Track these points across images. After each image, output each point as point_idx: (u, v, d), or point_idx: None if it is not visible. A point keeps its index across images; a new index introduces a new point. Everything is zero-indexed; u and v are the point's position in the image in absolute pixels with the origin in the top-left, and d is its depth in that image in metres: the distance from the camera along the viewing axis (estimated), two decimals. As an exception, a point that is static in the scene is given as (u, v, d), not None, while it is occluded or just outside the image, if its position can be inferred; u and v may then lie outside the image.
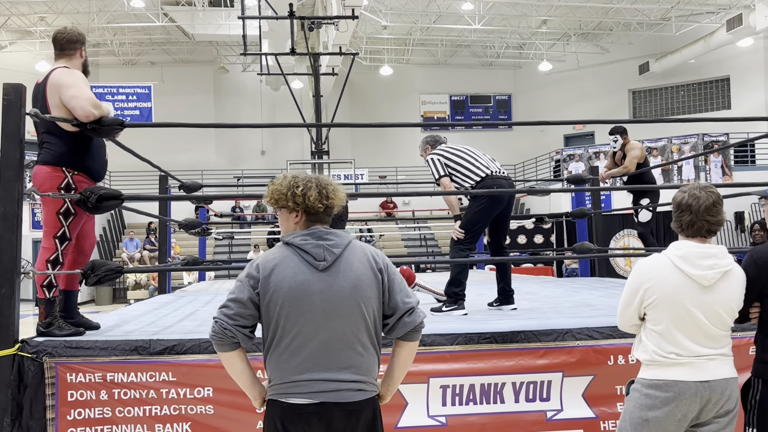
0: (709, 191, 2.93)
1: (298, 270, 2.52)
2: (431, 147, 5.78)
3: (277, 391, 2.53)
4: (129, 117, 21.80)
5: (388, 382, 2.72)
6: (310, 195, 2.58)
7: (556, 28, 25.05)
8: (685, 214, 2.92)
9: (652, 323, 2.92)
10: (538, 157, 24.55)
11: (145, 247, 20.66)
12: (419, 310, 2.66)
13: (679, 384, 2.84)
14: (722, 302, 2.88)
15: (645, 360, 2.95)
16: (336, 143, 24.74)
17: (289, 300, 2.50)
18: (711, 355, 2.86)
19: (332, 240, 2.58)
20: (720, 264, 2.88)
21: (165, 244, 8.89)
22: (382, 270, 2.62)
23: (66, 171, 4.24)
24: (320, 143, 18.13)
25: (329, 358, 2.50)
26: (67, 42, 4.36)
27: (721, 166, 19.07)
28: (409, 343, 2.68)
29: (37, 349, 3.87)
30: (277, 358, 2.53)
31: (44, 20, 22.70)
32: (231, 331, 2.52)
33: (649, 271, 2.93)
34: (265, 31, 18.57)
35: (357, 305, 2.53)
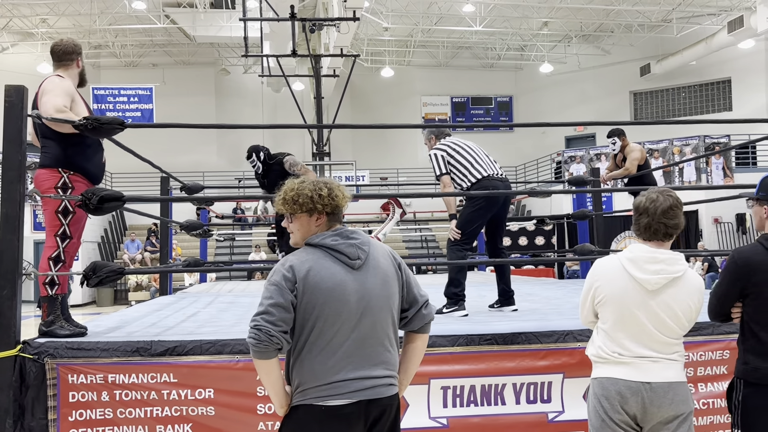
0: (666, 195, 2.95)
1: (334, 271, 2.54)
2: (435, 138, 5.76)
3: (311, 395, 2.49)
4: (130, 118, 21.82)
5: (404, 376, 2.74)
6: (336, 194, 2.62)
7: (557, 29, 25.06)
8: (643, 217, 2.94)
9: (601, 321, 3.00)
10: (540, 159, 24.55)
11: (147, 249, 20.68)
12: (431, 303, 2.76)
13: (619, 382, 2.87)
14: (667, 308, 2.88)
15: (592, 355, 3.02)
16: (337, 145, 24.73)
17: (328, 301, 2.50)
18: (654, 358, 2.87)
19: (359, 238, 2.63)
20: (668, 270, 2.88)
21: (166, 246, 8.90)
22: (400, 264, 2.71)
23: (62, 171, 4.33)
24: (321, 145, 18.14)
25: (363, 355, 2.52)
26: (63, 53, 4.55)
27: (722, 168, 19.07)
28: (423, 336, 2.75)
29: (39, 350, 3.87)
30: (311, 361, 2.50)
31: (46, 22, 22.73)
32: (277, 338, 2.45)
33: (600, 271, 3.01)
34: (267, 33, 18.58)
35: (386, 301, 2.59)
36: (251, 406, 3.90)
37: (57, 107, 4.22)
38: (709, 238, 18.75)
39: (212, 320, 5.41)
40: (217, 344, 3.95)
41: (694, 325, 4.15)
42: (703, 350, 4.13)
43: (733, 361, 3.11)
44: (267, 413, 3.88)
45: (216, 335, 4.16)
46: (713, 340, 4.14)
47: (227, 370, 3.91)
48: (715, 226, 18.96)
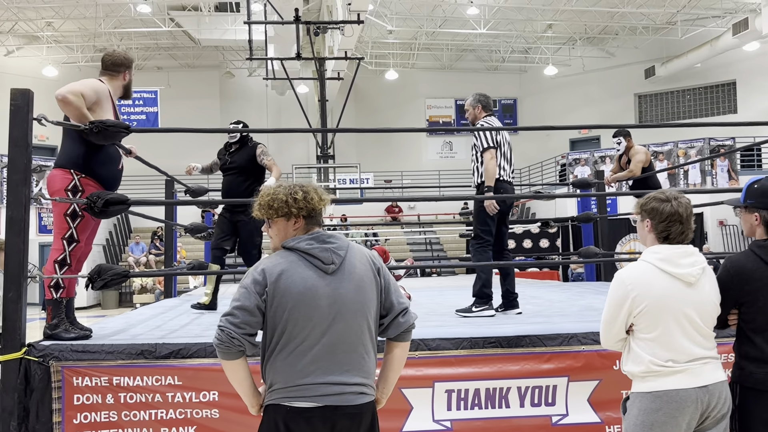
0: (686, 198, 2.93)
1: (306, 275, 2.53)
2: (482, 108, 5.80)
3: (280, 395, 2.52)
4: (135, 122, 21.88)
5: (383, 386, 2.72)
6: (312, 197, 2.62)
7: (561, 32, 25.05)
8: (676, 225, 2.88)
9: (645, 331, 2.85)
10: (544, 162, 24.53)
11: (151, 252, 20.70)
12: (411, 311, 2.71)
13: (680, 392, 2.78)
14: (707, 298, 2.87)
15: (640, 372, 2.86)
16: (341, 147, 24.76)
17: (298, 305, 2.50)
18: (705, 359, 2.84)
19: (335, 243, 2.61)
20: (699, 260, 2.88)
21: (171, 249, 8.92)
22: (380, 270, 2.67)
23: (74, 173, 4.34)
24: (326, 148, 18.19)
25: (334, 360, 2.51)
26: (112, 64, 4.67)
27: (727, 170, 19.03)
28: (402, 344, 2.71)
29: (44, 352, 3.88)
30: (281, 363, 2.52)
31: (51, 25, 22.80)
32: (238, 340, 2.50)
33: (632, 280, 2.87)
34: (271, 36, 18.62)
35: (360, 307, 2.56)
36: (255, 408, 3.90)
37: (72, 89, 4.25)
38: (714, 240, 18.70)
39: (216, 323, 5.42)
40: (222, 347, 3.95)
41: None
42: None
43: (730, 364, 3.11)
44: (271, 416, 3.88)
45: (220, 338, 4.16)
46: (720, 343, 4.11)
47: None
48: (720, 228, 18.91)
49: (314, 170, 20.03)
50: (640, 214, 3.00)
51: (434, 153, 28.20)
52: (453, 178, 24.94)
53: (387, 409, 3.90)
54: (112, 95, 4.60)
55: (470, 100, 5.84)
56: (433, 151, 28.22)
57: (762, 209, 3.03)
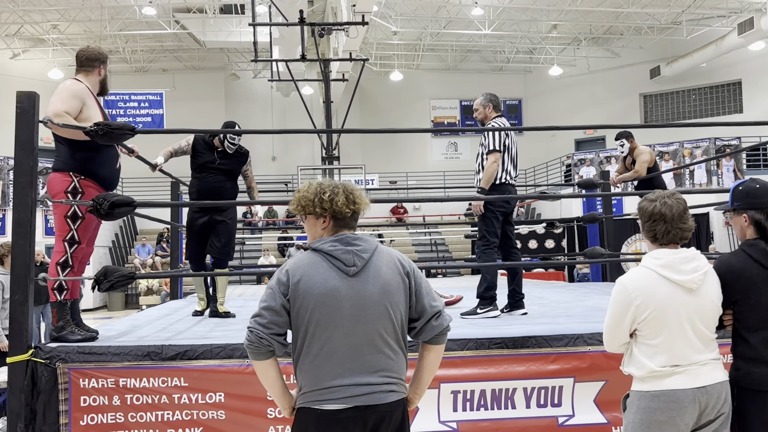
0: (675, 199, 2.93)
1: (328, 276, 2.54)
2: (493, 108, 5.77)
3: (309, 398, 2.52)
4: (141, 124, 21.93)
5: (416, 386, 2.73)
6: (338, 200, 2.61)
7: (566, 32, 25.01)
8: (659, 224, 2.91)
9: (648, 338, 2.88)
10: (549, 162, 24.50)
11: (157, 253, 20.75)
12: (445, 313, 2.69)
13: (678, 393, 2.81)
14: (709, 303, 2.88)
15: (641, 376, 2.90)
16: (346, 149, 24.78)
17: (319, 306, 2.51)
18: (704, 361, 2.85)
19: (360, 245, 2.60)
20: (701, 265, 2.88)
21: (177, 250, 8.93)
22: (409, 274, 2.65)
23: (73, 176, 4.35)
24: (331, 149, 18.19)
25: (360, 362, 2.51)
26: (86, 59, 4.61)
27: (733, 170, 18.97)
28: (436, 347, 2.70)
29: (51, 354, 3.90)
30: (309, 365, 2.53)
31: (57, 28, 22.88)
32: (267, 340, 2.52)
33: (635, 287, 2.89)
34: (276, 38, 18.65)
35: (385, 309, 2.55)
36: (261, 409, 3.91)
37: (55, 112, 4.24)
38: (720, 240, 18.64)
39: (222, 324, 5.43)
40: (228, 348, 3.97)
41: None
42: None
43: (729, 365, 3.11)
44: (277, 417, 3.90)
45: (226, 339, 4.18)
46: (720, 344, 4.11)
47: (237, 374, 3.92)
48: (726, 228, 18.85)
49: (319, 171, 20.03)
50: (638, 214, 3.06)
51: (439, 154, 28.19)
52: (458, 179, 24.93)
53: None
54: (92, 91, 4.57)
55: (480, 99, 5.80)
56: (438, 151, 28.22)
57: (749, 209, 3.06)
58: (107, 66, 4.74)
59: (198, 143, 6.18)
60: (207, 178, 6.15)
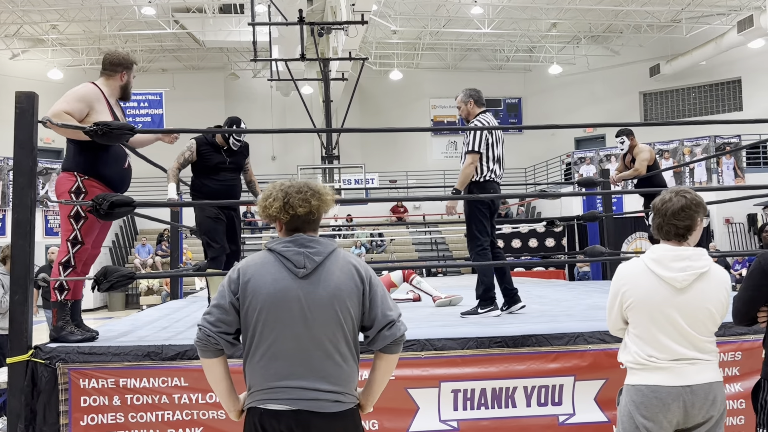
0: (681, 195, 2.92)
1: (278, 276, 2.50)
2: (475, 103, 5.65)
3: (256, 398, 2.51)
4: (141, 123, 21.91)
5: (367, 393, 2.69)
6: (294, 203, 2.56)
7: (565, 31, 25.00)
8: (656, 218, 2.95)
9: (632, 326, 2.95)
10: (549, 161, 24.50)
11: (157, 253, 20.75)
12: (400, 323, 2.61)
13: (660, 389, 2.82)
14: (699, 305, 2.85)
15: (628, 362, 2.96)
16: (346, 148, 24.77)
17: (267, 306, 2.48)
18: (691, 360, 2.85)
19: (314, 248, 2.55)
20: (694, 266, 2.86)
21: (177, 250, 8.93)
22: (364, 280, 2.58)
23: (77, 175, 4.35)
24: (330, 148, 18.20)
25: (307, 366, 2.48)
26: (109, 63, 4.63)
27: (733, 168, 18.97)
28: (389, 356, 2.63)
29: (51, 355, 3.89)
30: (256, 365, 2.51)
31: (56, 28, 22.87)
32: (214, 338, 2.51)
33: (625, 275, 2.98)
34: (275, 37, 18.64)
35: (335, 314, 2.50)
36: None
37: (54, 112, 4.24)
38: (720, 238, 18.65)
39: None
40: (228, 348, 3.96)
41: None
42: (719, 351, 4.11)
43: (745, 362, 3.11)
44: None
45: (226, 339, 4.16)
46: (725, 341, 4.11)
47: (238, 374, 3.91)
48: (726, 226, 18.86)
49: (319, 171, 20.03)
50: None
51: (439, 153, 28.19)
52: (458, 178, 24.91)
53: (393, 409, 3.92)
54: (108, 96, 4.53)
55: (461, 96, 5.69)
56: (438, 150, 28.22)
57: None
58: (132, 72, 4.70)
59: (202, 146, 6.09)
60: (221, 177, 6.13)
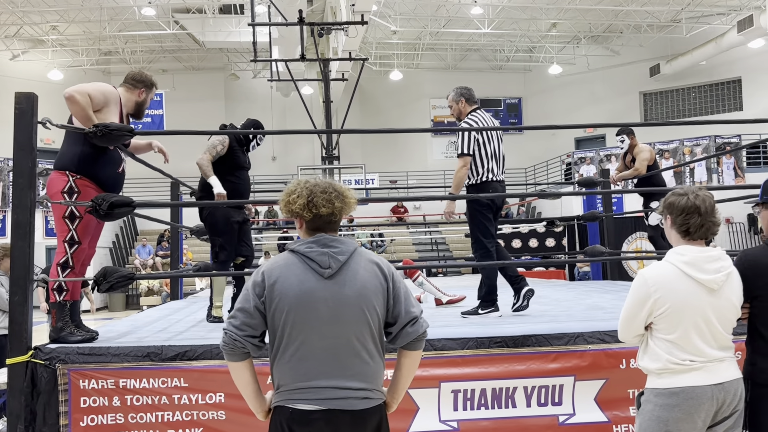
0: (706, 193, 2.91)
1: (303, 278, 2.51)
2: (467, 101, 5.51)
3: (284, 397, 2.51)
4: (141, 124, 21.90)
5: (393, 391, 2.71)
6: (298, 202, 2.56)
7: (565, 31, 25.00)
8: (694, 217, 2.86)
9: (664, 332, 2.85)
10: (549, 161, 24.49)
11: (158, 254, 20.75)
12: (422, 319, 2.64)
13: (696, 389, 2.78)
14: (729, 304, 2.85)
15: (656, 369, 2.86)
16: (346, 148, 24.77)
17: (294, 308, 2.49)
18: (722, 358, 2.83)
19: (337, 247, 2.55)
20: (725, 266, 2.86)
21: (177, 251, 8.93)
22: (388, 278, 2.60)
23: (69, 175, 4.32)
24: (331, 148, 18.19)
25: (336, 365, 2.49)
26: (132, 78, 4.74)
27: (733, 168, 18.97)
28: (413, 353, 2.66)
29: (50, 355, 3.89)
30: (284, 366, 2.51)
31: (56, 29, 22.88)
32: (241, 341, 2.51)
33: (656, 281, 2.86)
34: (275, 38, 18.64)
35: (362, 312, 2.52)
36: (262, 410, 3.90)
37: (80, 90, 4.27)
38: (720, 238, 18.64)
39: (222, 325, 5.41)
40: (227, 349, 3.95)
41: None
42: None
43: (742, 361, 3.10)
44: (277, 417, 3.88)
45: (226, 340, 4.16)
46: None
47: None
48: (726, 226, 18.86)
49: (319, 171, 20.04)
50: (662, 212, 3.00)
51: (439, 153, 28.19)
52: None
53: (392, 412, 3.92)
54: (123, 104, 4.60)
55: (452, 95, 5.55)
56: (438, 151, 28.21)
57: None
58: (151, 94, 4.78)
59: (233, 143, 6.03)
60: (243, 177, 6.08)
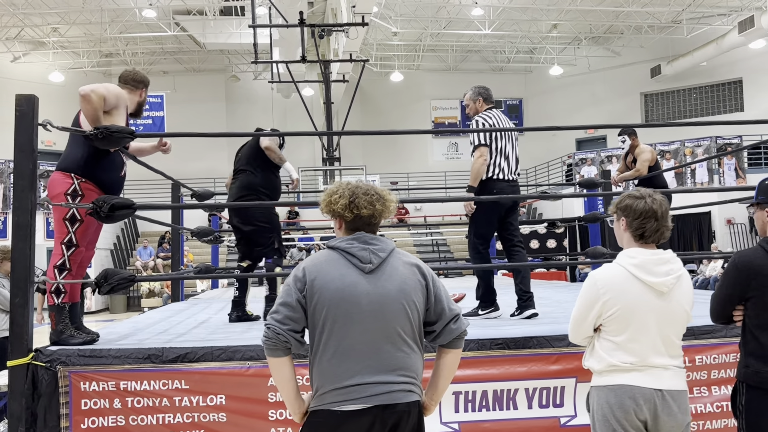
0: (662, 197, 2.92)
1: (344, 272, 2.54)
2: (484, 101, 5.55)
3: (327, 399, 2.50)
4: (141, 126, 21.92)
5: (432, 392, 2.72)
6: (360, 203, 2.62)
7: (566, 32, 25.00)
8: (650, 221, 2.87)
9: (612, 334, 2.87)
10: (550, 162, 24.49)
11: (159, 255, 20.75)
12: (463, 318, 2.69)
13: (635, 389, 2.79)
14: (679, 308, 2.85)
15: (599, 370, 2.90)
16: (347, 150, 24.77)
17: (336, 302, 2.51)
18: (666, 366, 2.83)
19: (377, 245, 2.61)
20: (675, 269, 2.86)
21: (178, 252, 8.93)
22: (426, 276, 2.65)
23: (74, 177, 4.33)
24: (331, 150, 18.19)
25: (378, 359, 2.50)
26: (133, 80, 4.81)
27: (734, 169, 18.96)
28: (454, 351, 2.70)
29: (51, 358, 3.89)
30: (327, 363, 2.52)
31: (57, 31, 22.89)
32: (284, 335, 2.52)
33: (605, 284, 2.88)
34: (276, 40, 18.64)
35: (402, 307, 2.55)
36: (263, 412, 3.90)
37: (96, 90, 4.30)
38: (722, 239, 18.62)
39: (223, 327, 5.43)
40: (228, 351, 3.96)
41: (707, 328, 4.14)
42: (716, 353, 4.11)
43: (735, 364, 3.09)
44: (278, 419, 3.88)
45: (227, 342, 4.17)
46: (726, 342, 4.11)
47: (238, 376, 3.91)
48: (728, 227, 18.84)
49: (320, 172, 20.04)
50: (615, 213, 3.00)
51: (440, 154, 28.19)
52: (459, 179, 24.90)
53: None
54: (128, 106, 4.67)
55: (470, 94, 5.61)
56: (439, 152, 28.21)
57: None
58: (146, 92, 4.92)
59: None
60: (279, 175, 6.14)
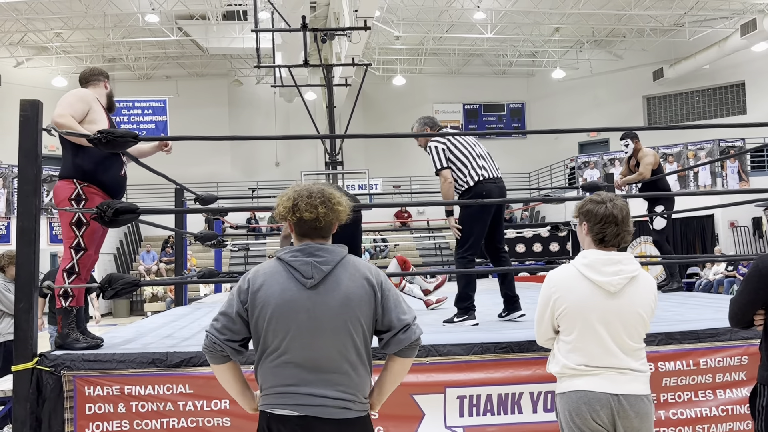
0: (623, 202, 2.92)
1: (286, 286, 2.48)
2: (430, 129, 5.65)
3: (265, 401, 2.52)
4: (145, 131, 21.97)
5: (377, 393, 2.67)
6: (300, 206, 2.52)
7: (568, 35, 25.01)
8: (611, 226, 2.88)
9: (564, 334, 2.90)
10: (553, 165, 24.47)
11: (162, 260, 20.77)
12: (415, 326, 2.58)
13: (588, 394, 2.79)
14: (631, 309, 2.84)
15: (557, 372, 2.91)
16: (350, 153, 24.77)
17: (276, 316, 2.47)
18: (622, 369, 2.82)
19: (323, 257, 2.51)
20: (625, 270, 2.86)
21: (181, 257, 8.93)
22: (375, 287, 2.55)
23: (77, 182, 4.35)
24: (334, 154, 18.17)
25: (317, 375, 2.46)
26: (90, 75, 4.75)
27: (737, 172, 18.93)
28: (402, 360, 2.61)
29: (56, 362, 3.89)
30: (266, 371, 2.52)
31: (60, 36, 22.95)
32: (220, 345, 2.53)
33: (556, 283, 2.92)
34: (279, 44, 18.68)
35: (344, 324, 2.48)
36: (267, 416, 3.90)
37: (59, 113, 4.26)
38: (725, 242, 18.59)
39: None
40: (232, 355, 3.95)
41: (711, 331, 4.13)
42: (721, 356, 4.09)
43: (751, 366, 3.09)
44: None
45: (231, 346, 4.16)
46: (731, 345, 4.09)
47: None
48: (731, 230, 18.81)
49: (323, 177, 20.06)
50: (578, 217, 3.02)
51: (443, 158, 28.14)
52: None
53: (399, 416, 3.91)
54: (100, 101, 4.61)
55: (416, 127, 5.73)
56: (442, 155, 28.16)
57: None
58: (109, 81, 4.85)
59: None
60: None
